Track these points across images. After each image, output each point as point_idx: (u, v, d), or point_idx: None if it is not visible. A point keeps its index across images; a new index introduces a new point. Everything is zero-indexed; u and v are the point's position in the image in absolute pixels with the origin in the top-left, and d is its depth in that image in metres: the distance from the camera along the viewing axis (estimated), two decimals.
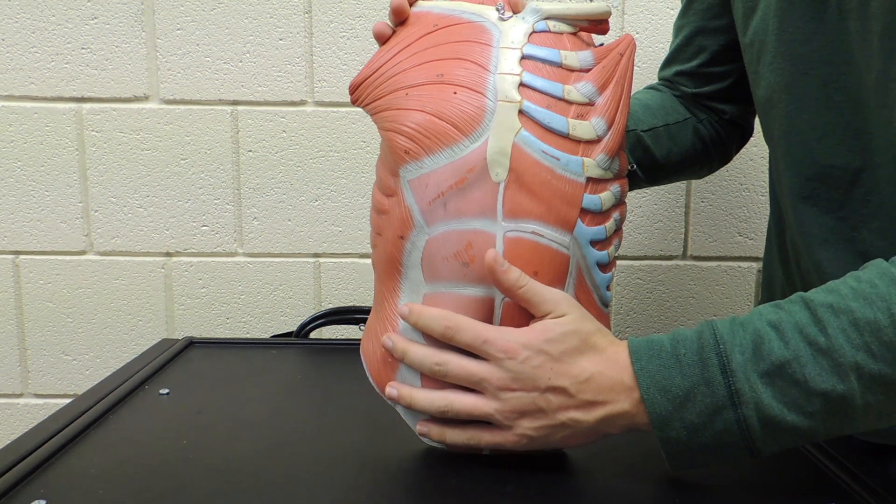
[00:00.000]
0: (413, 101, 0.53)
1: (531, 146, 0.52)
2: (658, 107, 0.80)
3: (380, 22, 0.57)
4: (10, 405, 1.14)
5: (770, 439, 0.49)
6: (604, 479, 0.56)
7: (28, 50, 1.06)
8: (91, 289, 1.12)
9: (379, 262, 0.59)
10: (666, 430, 0.50)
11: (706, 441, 0.49)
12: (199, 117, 1.08)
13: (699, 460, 0.51)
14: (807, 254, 0.66)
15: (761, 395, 0.48)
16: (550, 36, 0.54)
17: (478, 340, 0.52)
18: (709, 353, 0.49)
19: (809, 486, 0.55)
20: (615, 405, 0.51)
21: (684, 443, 0.50)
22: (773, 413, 0.48)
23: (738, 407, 0.48)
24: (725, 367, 0.48)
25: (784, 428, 0.48)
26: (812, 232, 0.64)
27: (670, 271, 1.13)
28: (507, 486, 0.54)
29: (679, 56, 0.84)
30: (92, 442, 0.60)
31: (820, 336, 0.47)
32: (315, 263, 1.11)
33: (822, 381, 0.47)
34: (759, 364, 0.48)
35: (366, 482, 0.54)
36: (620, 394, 0.51)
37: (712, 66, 0.81)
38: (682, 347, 0.50)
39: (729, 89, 0.81)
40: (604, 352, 0.52)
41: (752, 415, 0.48)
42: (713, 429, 0.49)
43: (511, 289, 0.53)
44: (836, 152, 0.62)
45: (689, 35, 0.82)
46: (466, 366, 0.53)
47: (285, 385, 0.75)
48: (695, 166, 0.84)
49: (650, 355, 0.51)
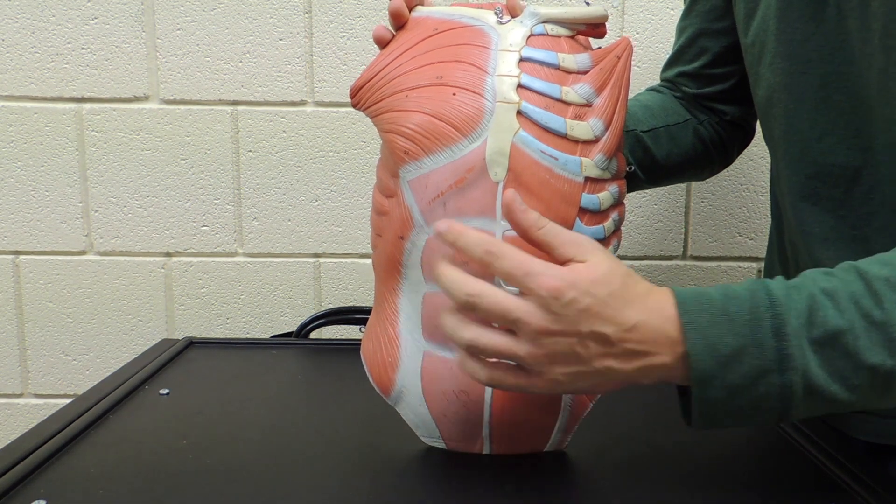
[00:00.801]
0: (412, 103, 0.54)
1: (529, 146, 0.52)
2: (658, 108, 0.81)
3: (379, 26, 0.58)
4: (10, 405, 1.14)
5: (805, 407, 0.47)
6: (604, 479, 0.56)
7: (28, 50, 1.06)
8: (91, 289, 1.12)
9: (379, 262, 0.59)
10: (705, 389, 0.47)
11: (742, 404, 0.47)
12: (199, 117, 1.08)
13: (727, 422, 0.49)
14: (807, 253, 0.66)
15: (809, 363, 0.46)
16: (548, 39, 0.55)
17: (519, 271, 0.47)
18: (762, 314, 0.47)
19: (809, 486, 0.55)
20: (656, 357, 0.48)
21: (720, 403, 0.47)
22: (818, 382, 0.46)
23: (784, 372, 0.46)
24: (779, 329, 0.46)
25: (823, 397, 0.47)
26: (813, 231, 0.64)
27: (670, 271, 1.13)
28: (506, 486, 0.54)
29: (681, 57, 0.84)
30: (92, 442, 0.60)
31: (875, 309, 0.46)
32: (315, 263, 1.12)
33: (873, 355, 0.46)
34: (812, 330, 0.46)
35: (366, 482, 0.54)
36: (663, 346, 0.48)
37: (714, 67, 0.81)
38: (734, 304, 0.47)
39: (731, 90, 0.82)
40: (646, 298, 0.48)
41: (798, 381, 0.46)
42: (754, 392, 0.47)
43: (529, 229, 0.49)
44: (835, 151, 0.62)
45: (691, 36, 0.82)
46: (503, 301, 0.47)
47: (285, 385, 0.76)
48: (695, 168, 0.84)
49: (699, 308, 0.47)
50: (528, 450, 0.60)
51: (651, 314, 0.48)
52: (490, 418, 0.58)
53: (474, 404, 0.58)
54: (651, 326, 0.48)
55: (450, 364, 0.57)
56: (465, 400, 0.58)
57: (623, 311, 0.47)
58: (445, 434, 0.60)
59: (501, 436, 0.59)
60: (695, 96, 0.83)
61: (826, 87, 0.61)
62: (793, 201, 0.65)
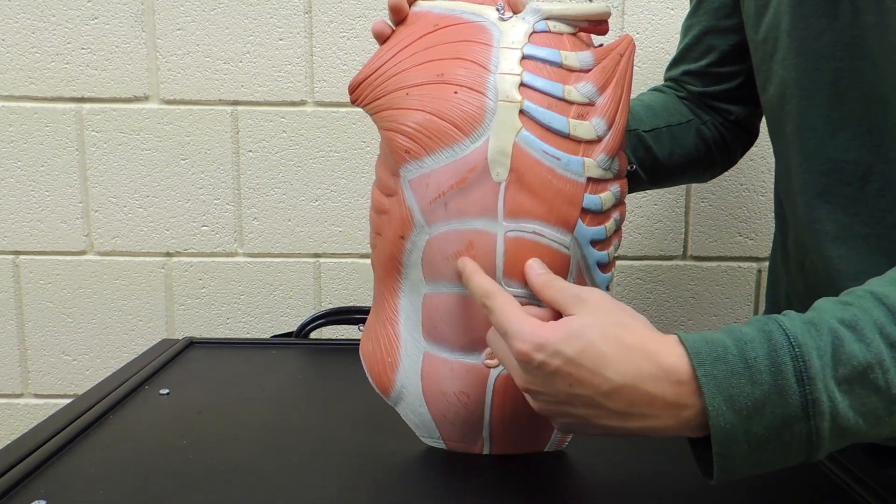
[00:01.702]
0: (413, 101, 0.53)
1: (532, 146, 0.52)
2: (661, 108, 0.80)
3: (379, 20, 0.57)
4: (10, 405, 1.14)
5: (832, 447, 0.44)
6: (604, 479, 0.56)
7: (28, 50, 1.06)
8: (91, 289, 1.11)
9: (379, 262, 0.59)
10: (728, 446, 0.43)
11: (767, 455, 0.43)
12: (199, 117, 1.08)
13: (751, 473, 0.44)
14: (817, 251, 0.65)
15: (838, 405, 0.42)
16: (550, 36, 0.54)
17: (501, 330, 0.48)
18: (783, 358, 0.42)
19: (809, 486, 0.55)
20: (655, 420, 0.44)
21: (743, 457, 0.43)
22: (847, 423, 0.42)
23: (811, 418, 0.42)
24: (802, 373, 0.42)
25: (853, 436, 0.43)
26: (824, 229, 0.64)
27: (670, 271, 1.13)
28: (507, 486, 0.54)
29: (687, 55, 0.84)
30: (92, 442, 0.60)
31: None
32: (315, 263, 1.11)
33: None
34: (838, 369, 0.42)
35: (366, 482, 0.54)
36: (661, 409, 0.44)
37: (721, 65, 0.81)
38: (751, 350, 0.43)
39: (736, 90, 0.81)
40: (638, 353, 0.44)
41: (826, 426, 0.42)
42: (779, 442, 0.43)
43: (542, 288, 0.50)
44: (849, 147, 0.61)
45: (698, 34, 0.82)
46: (503, 349, 0.48)
47: (285, 385, 0.75)
48: (697, 168, 0.84)
49: (714, 358, 0.43)
50: (528, 450, 0.60)
51: (640, 375, 0.44)
52: (490, 419, 0.58)
53: (474, 405, 0.58)
54: (642, 391, 0.44)
55: (450, 364, 0.57)
56: (464, 401, 0.58)
57: (600, 372, 0.44)
58: (445, 434, 0.60)
59: (501, 436, 0.59)
60: (700, 95, 0.83)
61: (839, 83, 0.61)
62: (805, 199, 0.65)
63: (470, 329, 0.56)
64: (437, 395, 0.58)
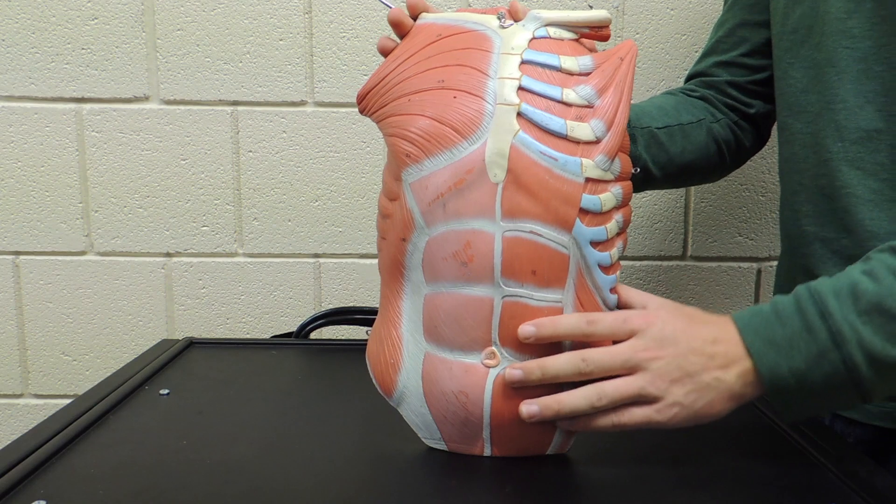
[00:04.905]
0: (415, 107, 0.55)
1: (529, 147, 0.53)
2: (672, 108, 0.83)
3: (383, 37, 0.59)
4: (10, 405, 1.14)
5: (878, 378, 0.51)
6: (604, 479, 0.56)
7: (28, 50, 1.06)
8: (91, 289, 1.12)
9: (383, 265, 0.60)
10: (775, 380, 0.53)
11: (815, 386, 0.52)
12: (199, 117, 1.08)
13: (811, 407, 0.54)
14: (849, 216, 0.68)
15: (862, 333, 0.51)
16: (550, 42, 0.55)
17: (618, 321, 0.55)
18: (805, 304, 0.53)
19: (809, 486, 0.55)
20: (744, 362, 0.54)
21: (794, 390, 0.53)
22: (876, 349, 0.51)
23: (841, 347, 0.51)
24: (823, 311, 0.52)
25: (889, 364, 0.51)
26: (857, 193, 0.67)
27: (670, 271, 1.13)
28: (506, 486, 0.54)
29: (718, 47, 0.86)
30: (92, 442, 0.60)
31: None
32: (315, 264, 1.12)
33: None
34: (856, 304, 0.51)
35: (366, 482, 0.54)
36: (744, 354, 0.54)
37: (751, 56, 0.84)
38: (780, 304, 0.54)
39: (761, 83, 0.84)
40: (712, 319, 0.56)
41: (857, 352, 0.51)
42: (821, 372, 0.52)
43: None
44: (876, 119, 0.65)
45: (731, 28, 0.85)
46: (610, 350, 0.55)
47: (285, 385, 0.76)
48: (708, 166, 0.86)
49: (751, 314, 0.55)
50: (529, 453, 0.60)
51: (723, 329, 0.55)
52: (490, 420, 0.58)
53: (473, 405, 0.58)
54: (727, 338, 0.55)
55: (449, 364, 0.57)
56: (464, 401, 0.58)
57: (702, 329, 0.55)
58: (446, 436, 0.60)
59: (502, 437, 0.59)
60: (726, 84, 0.85)
61: (867, 59, 0.65)
62: (837, 166, 0.68)
63: (468, 329, 0.56)
64: (437, 396, 0.58)
